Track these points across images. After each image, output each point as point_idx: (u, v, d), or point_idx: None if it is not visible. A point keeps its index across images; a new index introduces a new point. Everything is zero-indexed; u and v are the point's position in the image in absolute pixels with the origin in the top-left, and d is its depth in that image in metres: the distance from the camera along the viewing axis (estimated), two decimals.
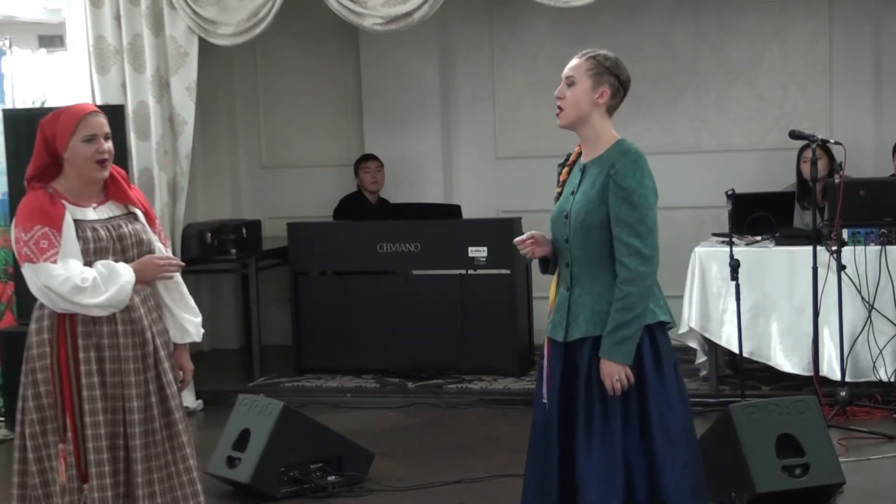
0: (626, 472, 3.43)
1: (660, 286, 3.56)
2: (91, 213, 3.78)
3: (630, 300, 3.41)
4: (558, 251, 3.60)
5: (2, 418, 6.65)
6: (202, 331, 3.99)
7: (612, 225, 3.44)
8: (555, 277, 3.63)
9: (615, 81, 3.56)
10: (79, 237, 3.72)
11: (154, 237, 3.88)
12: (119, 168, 3.89)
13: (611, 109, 3.58)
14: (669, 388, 3.48)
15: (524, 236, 3.61)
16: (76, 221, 3.73)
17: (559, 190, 3.62)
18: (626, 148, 3.50)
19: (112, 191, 3.82)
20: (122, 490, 3.75)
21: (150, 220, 3.90)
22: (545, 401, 3.56)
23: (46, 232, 3.68)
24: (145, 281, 3.80)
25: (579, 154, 3.62)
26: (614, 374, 3.42)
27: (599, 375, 3.45)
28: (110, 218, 3.80)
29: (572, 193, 3.55)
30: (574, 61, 3.56)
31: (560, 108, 3.55)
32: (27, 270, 3.70)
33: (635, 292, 3.41)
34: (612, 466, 3.42)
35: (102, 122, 3.76)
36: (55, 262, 3.66)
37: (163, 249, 3.89)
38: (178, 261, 3.87)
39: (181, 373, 3.93)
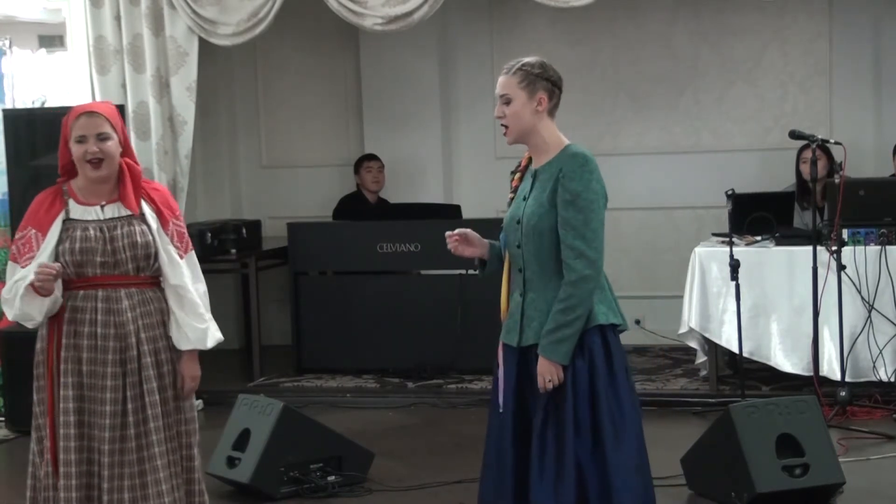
0: (577, 476, 3.44)
1: (612, 288, 3.58)
2: (93, 213, 3.79)
3: (572, 301, 3.44)
4: (511, 257, 3.62)
5: (1, 418, 6.65)
6: (213, 339, 3.88)
7: (559, 227, 3.47)
8: (505, 282, 3.63)
9: (548, 85, 3.55)
10: (66, 238, 3.74)
11: (166, 240, 3.82)
12: (136, 166, 3.87)
13: (552, 112, 3.58)
14: (621, 389, 3.50)
15: (455, 231, 3.67)
16: (71, 220, 3.77)
17: (511, 196, 3.63)
18: (574, 152, 3.52)
19: (120, 192, 3.82)
20: (95, 493, 3.76)
21: (165, 221, 3.84)
22: (501, 409, 3.57)
23: (31, 235, 3.77)
24: (36, 289, 3.68)
25: (530, 160, 3.63)
26: (549, 373, 3.45)
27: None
28: (111, 218, 3.80)
29: (524, 199, 3.57)
30: (502, 79, 3.56)
31: (505, 127, 3.56)
32: (8, 269, 3.81)
33: (578, 294, 3.44)
34: (564, 470, 3.44)
35: (96, 123, 3.76)
36: (26, 265, 3.73)
37: (172, 253, 3.82)
38: (50, 268, 3.64)
39: (182, 380, 3.87)
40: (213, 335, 3.89)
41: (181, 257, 3.85)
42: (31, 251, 3.74)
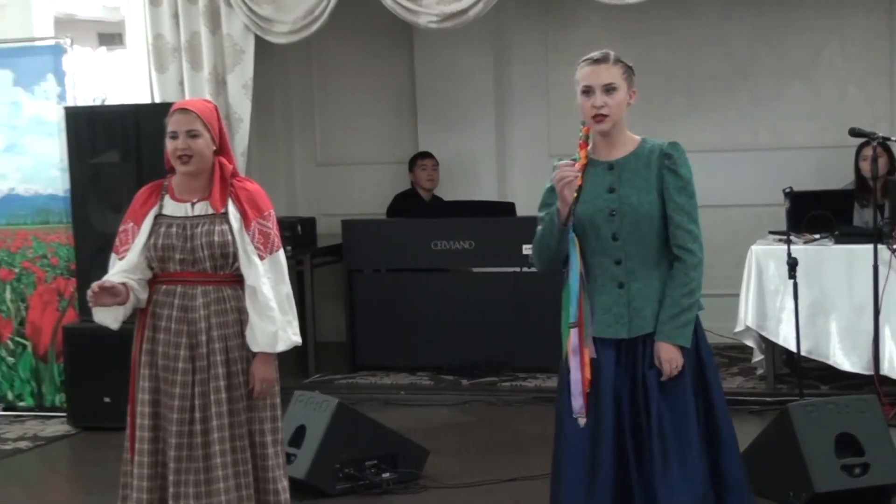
0: (701, 464, 3.46)
1: None
2: (183, 210, 3.85)
3: (694, 284, 3.50)
4: (597, 251, 3.54)
5: (64, 414, 6.74)
6: (285, 343, 3.84)
7: (672, 213, 3.51)
8: (578, 282, 3.48)
9: (635, 81, 3.62)
10: (154, 232, 3.84)
11: (247, 240, 3.80)
12: (228, 165, 3.89)
13: None
14: (717, 373, 3.61)
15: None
16: (162, 216, 3.85)
17: (575, 195, 3.48)
18: (666, 142, 3.59)
19: (212, 190, 3.86)
20: (160, 483, 3.83)
21: (248, 221, 3.82)
22: (577, 415, 3.49)
23: (128, 228, 3.87)
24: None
25: (587, 157, 3.54)
26: (675, 358, 3.47)
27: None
28: (197, 216, 3.84)
29: (610, 191, 3.54)
30: (602, 68, 3.56)
31: (605, 115, 3.54)
32: (111, 260, 3.91)
33: (697, 277, 3.51)
34: (689, 461, 3.44)
35: (187, 120, 3.81)
36: (123, 258, 3.84)
37: (251, 254, 3.80)
38: (97, 286, 3.72)
39: (253, 381, 3.86)
40: (284, 339, 3.85)
41: (262, 258, 3.82)
42: (126, 243, 3.85)
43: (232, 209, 3.85)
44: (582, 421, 3.49)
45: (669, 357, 3.48)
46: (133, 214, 3.90)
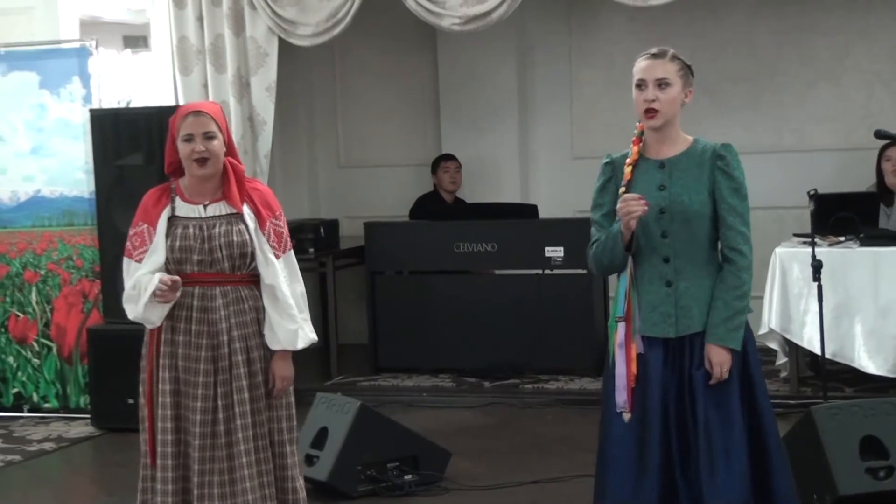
0: (746, 466, 3.45)
1: None
2: (196, 211, 3.85)
3: (746, 287, 3.51)
4: (646, 248, 3.54)
5: (88, 416, 6.77)
6: (305, 340, 3.87)
7: (725, 214, 3.51)
8: (628, 277, 3.51)
9: (692, 81, 3.63)
10: (169, 234, 3.82)
11: (262, 239, 3.84)
12: (239, 165, 3.91)
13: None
14: (765, 386, 3.58)
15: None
16: (175, 217, 3.84)
17: (623, 189, 3.52)
18: (718, 143, 3.59)
19: (224, 190, 3.87)
20: (183, 485, 3.83)
21: (262, 221, 3.86)
22: (621, 410, 3.48)
23: (143, 230, 3.85)
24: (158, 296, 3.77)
25: (638, 153, 3.57)
26: (725, 362, 3.46)
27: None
28: (211, 217, 3.85)
29: (660, 189, 3.53)
30: (657, 62, 3.56)
31: (656, 111, 3.53)
32: (123, 265, 3.90)
33: (749, 280, 3.52)
34: (734, 463, 3.42)
35: (203, 122, 3.81)
36: (140, 260, 3.82)
37: (268, 253, 3.84)
38: (165, 280, 3.73)
39: (273, 380, 3.88)
40: (304, 336, 3.89)
41: (277, 257, 3.86)
42: (143, 245, 3.83)
43: (247, 209, 3.87)
44: (626, 416, 3.48)
45: (720, 360, 3.46)
46: (146, 216, 3.87)
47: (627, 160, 3.56)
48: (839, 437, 4.68)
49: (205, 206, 3.86)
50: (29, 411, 7.04)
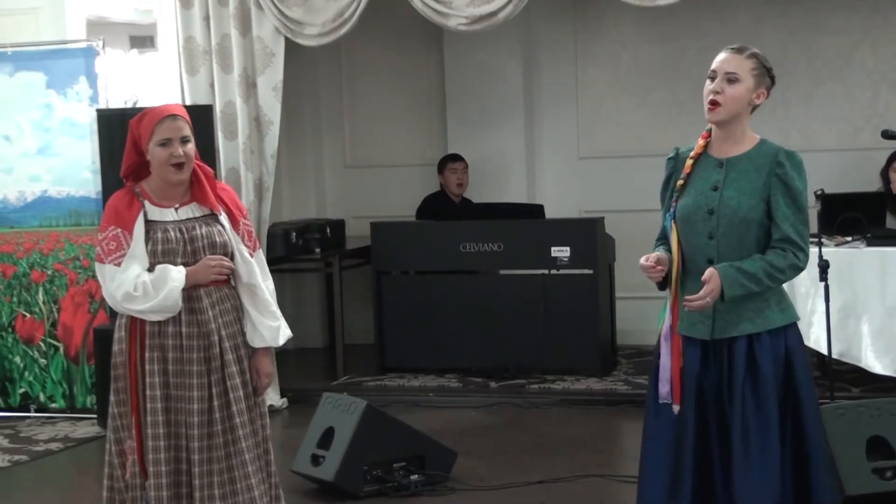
0: (783, 470, 3.41)
1: None
2: (170, 214, 3.81)
3: (781, 276, 3.43)
4: (693, 247, 3.49)
5: (93, 416, 6.78)
6: (284, 336, 3.91)
7: (779, 221, 3.43)
8: (675, 272, 3.48)
9: (770, 83, 3.54)
10: (149, 238, 3.77)
11: (237, 239, 3.86)
12: (206, 167, 3.91)
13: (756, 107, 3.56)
14: (814, 396, 3.51)
15: (651, 261, 3.48)
16: (151, 222, 3.79)
17: (681, 182, 3.50)
18: (783, 148, 3.51)
19: (195, 192, 3.85)
20: (184, 490, 3.78)
21: (235, 220, 3.87)
22: (664, 401, 3.45)
23: (118, 234, 3.77)
24: (200, 283, 3.77)
25: (703, 147, 3.53)
26: (712, 294, 3.37)
27: (755, 375, 3.41)
28: (188, 219, 3.83)
29: (714, 189, 3.48)
30: (731, 56, 3.50)
31: (717, 104, 3.47)
32: (97, 270, 3.84)
33: (787, 276, 3.44)
34: (770, 466, 3.39)
35: (179, 126, 3.77)
36: (119, 264, 3.75)
37: (244, 251, 3.85)
38: (228, 262, 3.81)
39: (258, 377, 3.89)
40: (284, 332, 3.93)
41: (251, 255, 3.89)
42: (120, 249, 3.76)
43: (219, 210, 3.87)
44: (675, 408, 3.46)
45: (710, 288, 3.37)
46: (118, 220, 3.79)
47: (691, 153, 3.52)
48: (846, 437, 4.68)
49: (176, 209, 3.83)
50: (35, 411, 7.05)
